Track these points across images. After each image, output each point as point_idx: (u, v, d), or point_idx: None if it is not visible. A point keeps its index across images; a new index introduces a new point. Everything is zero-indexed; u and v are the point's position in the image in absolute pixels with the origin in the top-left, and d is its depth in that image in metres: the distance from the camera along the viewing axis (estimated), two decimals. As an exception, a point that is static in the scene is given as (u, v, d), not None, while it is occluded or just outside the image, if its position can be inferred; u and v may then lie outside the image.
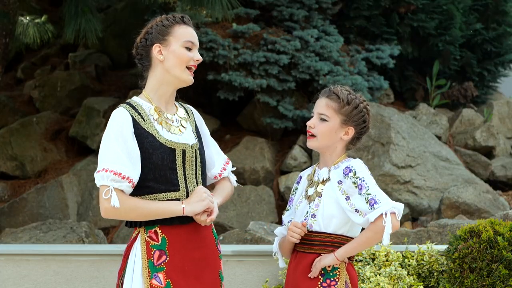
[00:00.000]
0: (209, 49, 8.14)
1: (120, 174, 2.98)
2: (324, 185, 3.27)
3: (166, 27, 3.16)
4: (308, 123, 3.29)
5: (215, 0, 7.06)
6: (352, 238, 3.25)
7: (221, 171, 3.36)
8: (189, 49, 3.16)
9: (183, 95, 3.43)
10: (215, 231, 3.27)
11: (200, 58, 3.18)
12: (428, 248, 4.87)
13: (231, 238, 6.22)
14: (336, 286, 3.21)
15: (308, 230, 3.24)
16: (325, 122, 3.27)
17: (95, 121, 8.75)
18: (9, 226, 7.63)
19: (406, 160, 7.83)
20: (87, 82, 9.68)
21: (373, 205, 3.16)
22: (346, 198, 3.21)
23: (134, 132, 3.06)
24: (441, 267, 4.78)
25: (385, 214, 3.13)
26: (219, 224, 7.62)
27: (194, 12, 8.19)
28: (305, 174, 3.44)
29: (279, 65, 8.20)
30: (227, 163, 3.39)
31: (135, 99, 3.18)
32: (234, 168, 3.45)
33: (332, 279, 3.22)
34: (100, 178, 3.00)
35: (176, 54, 3.13)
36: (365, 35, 9.39)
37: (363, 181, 3.19)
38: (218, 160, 3.36)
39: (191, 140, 3.19)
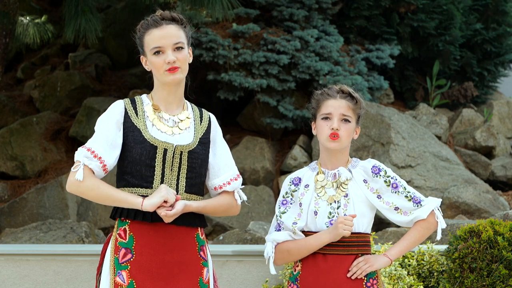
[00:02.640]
0: (209, 49, 8.14)
1: (93, 152, 3.08)
2: (347, 184, 3.26)
3: (139, 39, 3.21)
4: (334, 126, 3.22)
5: (215, 0, 7.06)
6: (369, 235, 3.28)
7: (223, 184, 3.27)
8: (158, 52, 3.15)
9: (183, 95, 3.42)
10: (200, 237, 3.20)
11: (171, 59, 3.12)
12: (428, 248, 4.87)
13: (231, 238, 6.22)
14: (377, 284, 3.23)
15: None
16: (348, 123, 3.27)
17: (95, 121, 8.73)
18: (9, 226, 7.63)
19: (406, 160, 7.83)
20: (87, 82, 9.68)
21: (418, 202, 3.22)
22: (377, 197, 3.23)
23: (123, 124, 3.14)
24: (441, 267, 4.78)
25: (436, 209, 3.23)
26: (219, 224, 7.61)
27: (194, 12, 8.19)
28: (305, 175, 3.39)
29: (279, 65, 8.20)
30: (235, 179, 3.28)
31: (142, 96, 3.25)
32: (243, 186, 3.34)
33: (373, 277, 3.24)
34: (76, 154, 3.12)
35: (152, 64, 3.18)
36: (365, 35, 9.39)
37: (396, 179, 3.26)
38: (224, 173, 3.27)
39: (185, 141, 3.17)
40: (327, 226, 3.23)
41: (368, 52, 8.98)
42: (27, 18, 8.55)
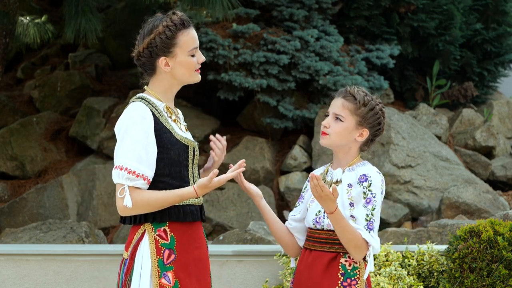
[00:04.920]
0: (209, 49, 8.15)
1: (134, 172, 2.99)
2: (337, 185, 3.25)
3: (170, 39, 3.10)
4: (323, 123, 3.28)
5: (215, 0, 7.06)
6: None
7: None
8: (193, 55, 3.15)
9: (183, 95, 3.42)
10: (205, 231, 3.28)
11: (203, 59, 3.18)
12: (428, 248, 4.87)
13: (231, 238, 6.22)
14: (356, 285, 3.19)
15: (325, 229, 3.23)
16: (340, 122, 3.26)
17: (95, 121, 8.75)
18: (9, 226, 7.63)
19: (406, 160, 7.83)
20: (87, 82, 9.68)
21: (370, 229, 3.16)
22: (350, 204, 3.19)
23: (154, 127, 3.05)
24: (441, 267, 4.78)
25: (371, 248, 3.15)
26: (219, 224, 7.62)
27: (194, 12, 8.19)
28: (317, 173, 3.42)
29: (279, 65, 8.20)
30: None
31: (147, 96, 3.14)
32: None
33: (352, 278, 3.20)
34: (115, 176, 3.02)
35: (184, 65, 3.12)
36: (365, 35, 9.39)
37: (374, 197, 3.18)
38: None
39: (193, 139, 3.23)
40: (313, 224, 3.25)
41: (368, 52, 8.98)
42: (27, 18, 8.55)
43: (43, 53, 10.97)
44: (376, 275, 4.63)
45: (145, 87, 3.20)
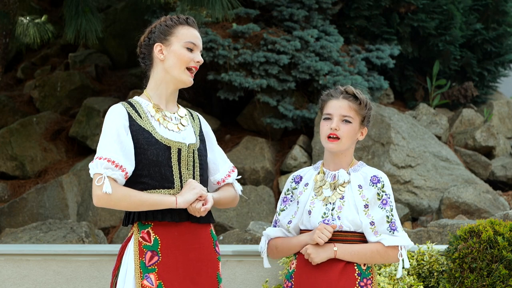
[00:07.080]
0: (209, 49, 8.15)
1: (113, 162, 3.02)
2: (344, 187, 3.24)
3: (169, 27, 3.18)
4: (332, 126, 3.23)
5: (215, 0, 7.06)
6: None
7: (225, 177, 3.37)
8: (190, 50, 3.16)
9: (183, 95, 3.43)
10: (214, 232, 3.27)
11: (201, 60, 3.19)
12: (428, 248, 4.87)
13: (231, 238, 6.22)
14: (372, 285, 3.21)
15: (335, 230, 3.21)
16: (349, 124, 3.24)
17: (95, 121, 8.75)
18: (9, 226, 7.63)
19: (406, 160, 7.83)
20: (87, 82, 9.69)
21: (394, 229, 3.16)
22: (364, 206, 3.19)
23: (130, 127, 3.10)
24: (441, 267, 4.78)
25: (402, 248, 3.15)
26: (219, 224, 7.62)
27: (194, 12, 8.19)
28: (307, 173, 3.39)
29: (279, 65, 8.20)
30: (233, 171, 3.39)
31: (135, 98, 3.22)
32: (240, 177, 3.46)
33: (368, 278, 3.21)
34: (94, 167, 3.05)
35: (176, 54, 3.15)
36: (365, 35, 9.40)
37: (389, 198, 3.19)
38: (223, 167, 3.37)
39: (190, 139, 3.21)
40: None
41: (368, 52, 8.98)
42: (27, 18, 8.55)
43: (43, 53, 10.98)
44: (376, 275, 4.62)
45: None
